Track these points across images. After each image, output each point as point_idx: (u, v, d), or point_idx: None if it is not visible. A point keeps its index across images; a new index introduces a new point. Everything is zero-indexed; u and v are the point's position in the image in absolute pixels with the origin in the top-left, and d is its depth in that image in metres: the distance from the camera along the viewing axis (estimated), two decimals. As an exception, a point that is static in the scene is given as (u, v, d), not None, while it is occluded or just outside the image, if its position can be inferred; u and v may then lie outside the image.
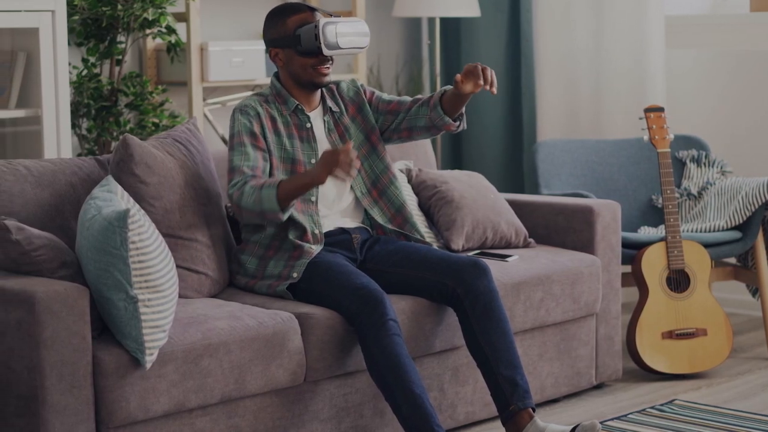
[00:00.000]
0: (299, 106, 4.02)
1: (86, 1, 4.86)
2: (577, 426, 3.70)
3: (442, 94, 4.03)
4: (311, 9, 3.98)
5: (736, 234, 4.93)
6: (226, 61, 5.25)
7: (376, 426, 3.91)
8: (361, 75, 5.76)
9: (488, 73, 3.86)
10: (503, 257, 4.35)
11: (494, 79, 3.86)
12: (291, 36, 3.95)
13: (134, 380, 3.34)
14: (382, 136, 4.17)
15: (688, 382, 4.68)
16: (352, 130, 4.12)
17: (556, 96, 5.87)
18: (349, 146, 3.66)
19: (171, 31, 5.07)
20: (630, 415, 4.24)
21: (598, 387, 4.64)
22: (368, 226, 4.10)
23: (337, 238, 4.00)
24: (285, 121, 4.01)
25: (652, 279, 4.69)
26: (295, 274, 3.86)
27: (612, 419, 4.20)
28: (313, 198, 3.97)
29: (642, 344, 4.66)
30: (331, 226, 4.02)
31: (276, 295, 3.89)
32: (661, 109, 4.87)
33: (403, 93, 6.32)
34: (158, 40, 5.32)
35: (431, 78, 6.18)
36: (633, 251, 4.78)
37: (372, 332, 3.66)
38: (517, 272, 4.24)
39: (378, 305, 3.68)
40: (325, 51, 3.90)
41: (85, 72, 5.05)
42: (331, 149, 3.70)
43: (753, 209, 4.88)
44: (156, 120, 5.09)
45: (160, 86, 5.23)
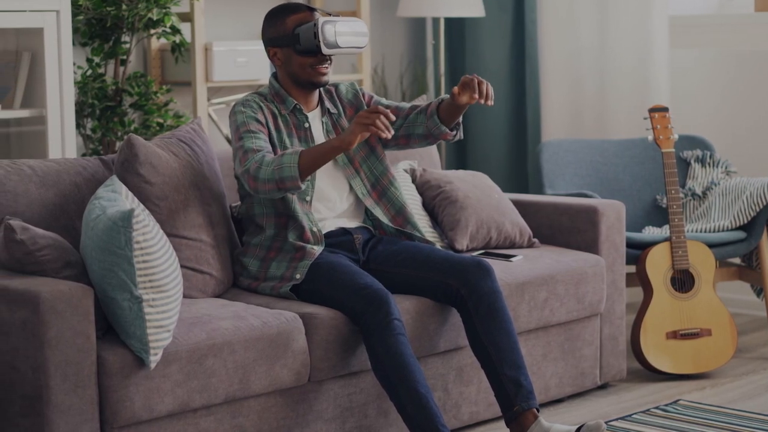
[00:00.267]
0: (297, 106, 4.02)
1: (91, 1, 4.86)
2: (582, 426, 3.69)
3: (439, 102, 4.03)
4: (310, 9, 3.97)
5: (741, 234, 4.92)
6: (231, 61, 5.25)
7: (381, 426, 3.90)
8: (365, 75, 5.76)
9: (484, 86, 3.85)
10: (507, 257, 4.35)
11: (490, 92, 3.85)
12: (290, 35, 3.94)
13: (138, 380, 3.34)
14: (380, 142, 4.16)
15: (693, 383, 4.67)
16: (350, 132, 4.11)
17: (560, 96, 5.87)
18: (384, 109, 3.66)
19: (175, 31, 5.08)
20: (634, 416, 4.24)
21: (602, 387, 4.63)
22: (370, 226, 4.10)
23: (338, 239, 4.00)
24: (284, 120, 4.01)
25: (656, 279, 4.69)
26: (298, 276, 3.85)
27: (616, 419, 4.20)
28: (307, 198, 3.96)
29: (646, 344, 4.66)
30: (332, 226, 4.02)
31: (279, 296, 3.89)
32: (665, 109, 4.86)
33: (407, 93, 6.32)
34: (163, 40, 5.32)
35: (435, 78, 6.17)
36: (637, 251, 4.77)
37: (377, 332, 3.65)
38: (521, 272, 4.24)
39: (383, 305, 3.67)
40: (324, 50, 3.89)
41: (89, 72, 5.05)
42: (366, 110, 3.69)
43: (757, 209, 4.88)
44: (160, 120, 5.10)
45: (164, 86, 5.23)
